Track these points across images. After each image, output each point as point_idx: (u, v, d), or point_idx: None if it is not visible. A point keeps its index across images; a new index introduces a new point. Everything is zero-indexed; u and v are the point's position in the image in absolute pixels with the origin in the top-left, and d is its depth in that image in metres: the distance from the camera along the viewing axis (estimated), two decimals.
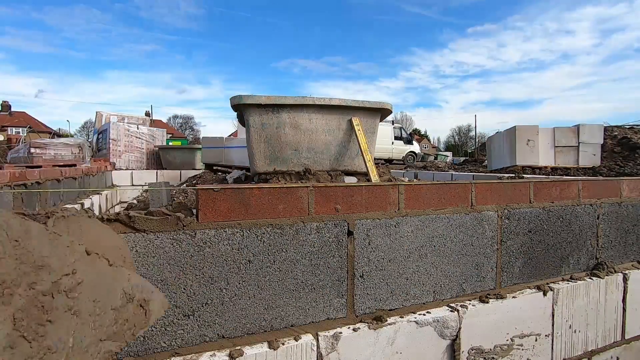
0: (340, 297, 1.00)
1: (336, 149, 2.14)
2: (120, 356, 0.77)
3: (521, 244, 1.31)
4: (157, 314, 0.69)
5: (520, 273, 1.32)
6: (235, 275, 0.88)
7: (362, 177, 2.18)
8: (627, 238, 1.59)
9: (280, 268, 0.93)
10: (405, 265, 1.10)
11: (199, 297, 0.84)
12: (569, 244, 1.42)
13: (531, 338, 1.26)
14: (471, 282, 1.22)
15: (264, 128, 2.00)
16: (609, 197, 1.53)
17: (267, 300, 0.91)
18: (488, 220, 1.24)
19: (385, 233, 1.06)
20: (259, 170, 2.05)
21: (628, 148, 6.40)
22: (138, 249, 0.78)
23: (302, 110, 2.03)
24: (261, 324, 0.91)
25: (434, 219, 1.14)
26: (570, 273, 1.43)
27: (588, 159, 5.93)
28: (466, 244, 1.20)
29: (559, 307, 1.32)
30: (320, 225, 0.98)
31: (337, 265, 1.00)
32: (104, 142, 7.10)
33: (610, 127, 7.47)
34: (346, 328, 0.99)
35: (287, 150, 2.05)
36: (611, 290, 1.45)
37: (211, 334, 0.86)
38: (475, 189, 1.22)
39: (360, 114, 2.15)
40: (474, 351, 1.15)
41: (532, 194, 1.33)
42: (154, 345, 0.80)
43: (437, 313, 1.11)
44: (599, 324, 1.43)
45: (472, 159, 11.87)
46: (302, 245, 0.95)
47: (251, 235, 0.89)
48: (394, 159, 17.41)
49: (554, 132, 5.91)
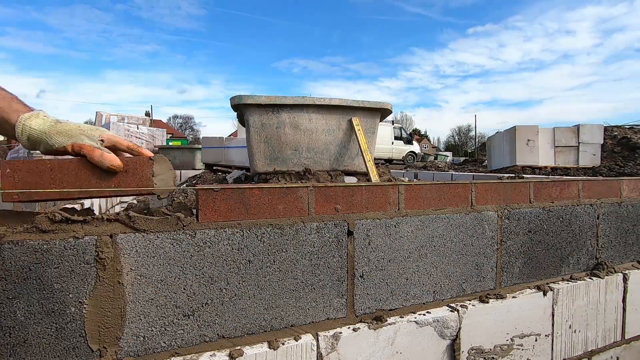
0: (340, 297, 1.00)
1: (336, 149, 2.14)
2: (120, 356, 0.77)
3: (521, 244, 1.31)
4: None
5: (520, 273, 1.32)
6: (235, 275, 0.88)
7: (362, 177, 2.18)
8: (627, 238, 1.59)
9: (280, 268, 0.93)
10: (405, 265, 1.10)
11: (199, 297, 0.84)
12: (569, 244, 1.42)
13: (531, 338, 1.26)
14: (471, 282, 1.22)
15: (264, 128, 2.00)
16: (609, 197, 1.53)
17: (267, 300, 0.91)
18: (488, 220, 1.24)
19: (385, 233, 1.06)
20: (259, 170, 2.05)
21: (628, 148, 6.40)
22: (138, 249, 0.78)
23: (302, 110, 2.02)
24: (261, 324, 0.91)
25: (434, 219, 1.14)
26: (570, 273, 1.43)
27: (588, 159, 5.93)
28: (466, 244, 1.20)
29: (559, 307, 1.32)
30: (320, 225, 0.98)
31: (337, 265, 1.00)
32: None
33: (610, 127, 7.47)
34: (346, 328, 0.99)
35: (287, 150, 2.05)
36: (611, 290, 1.45)
37: (211, 334, 0.86)
38: (475, 189, 1.22)
39: (360, 114, 2.15)
40: (474, 351, 1.15)
41: (532, 194, 1.33)
42: (154, 345, 0.80)
43: (437, 313, 1.11)
44: (599, 324, 1.42)
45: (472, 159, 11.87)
46: (302, 245, 0.95)
47: (251, 235, 0.89)
48: (394, 159, 17.42)
49: (553, 132, 5.91)
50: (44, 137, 0.75)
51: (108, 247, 0.76)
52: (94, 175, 0.77)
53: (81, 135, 0.77)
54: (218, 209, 0.86)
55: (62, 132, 0.76)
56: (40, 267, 0.71)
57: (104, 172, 0.77)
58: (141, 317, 0.79)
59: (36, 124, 0.75)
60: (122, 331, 0.77)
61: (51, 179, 0.75)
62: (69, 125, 0.78)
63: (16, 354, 0.70)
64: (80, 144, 0.76)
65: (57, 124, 0.77)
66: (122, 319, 0.77)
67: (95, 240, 0.75)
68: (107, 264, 0.76)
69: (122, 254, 0.77)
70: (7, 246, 0.69)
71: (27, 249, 0.70)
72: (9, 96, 0.77)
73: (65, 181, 0.76)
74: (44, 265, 0.71)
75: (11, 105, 0.76)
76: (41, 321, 0.71)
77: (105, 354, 0.76)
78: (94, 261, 0.75)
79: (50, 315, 0.72)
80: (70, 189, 0.76)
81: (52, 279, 0.72)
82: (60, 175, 0.75)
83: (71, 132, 0.77)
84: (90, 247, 0.74)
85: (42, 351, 0.72)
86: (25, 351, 0.70)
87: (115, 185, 0.79)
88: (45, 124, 0.76)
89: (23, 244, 0.70)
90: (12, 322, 0.69)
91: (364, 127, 2.11)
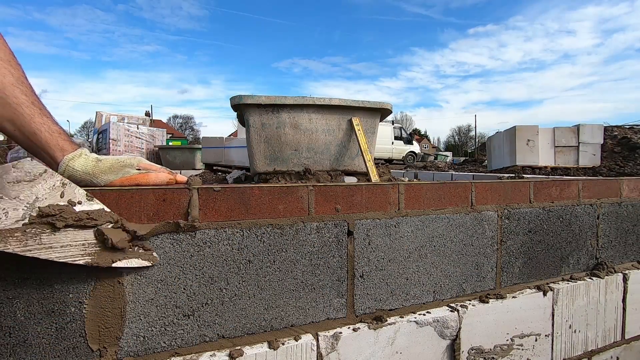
0: (340, 297, 1.00)
1: (336, 148, 2.14)
2: (120, 356, 0.77)
3: (521, 244, 1.31)
4: None
5: (520, 273, 1.32)
6: (235, 275, 0.88)
7: (362, 177, 2.18)
8: (627, 238, 1.59)
9: (280, 268, 0.93)
10: (405, 265, 1.10)
11: (199, 297, 0.84)
12: (569, 243, 1.42)
13: (531, 338, 1.26)
14: (471, 282, 1.22)
15: (264, 128, 2.00)
16: (609, 197, 1.53)
17: (267, 300, 0.91)
18: (488, 220, 1.24)
19: (385, 233, 1.06)
20: (259, 170, 2.05)
21: (628, 148, 6.40)
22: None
23: (302, 110, 2.02)
24: (261, 324, 0.91)
25: (434, 219, 1.14)
26: (570, 273, 1.43)
27: (588, 159, 5.93)
28: (466, 244, 1.20)
29: (559, 307, 1.32)
30: (320, 225, 0.98)
31: (337, 265, 1.00)
32: (103, 142, 7.09)
33: (610, 127, 7.47)
34: (346, 328, 0.99)
35: (287, 150, 2.05)
36: (611, 290, 1.45)
37: (211, 334, 0.86)
38: (475, 189, 1.22)
39: (360, 113, 2.15)
40: (474, 351, 1.15)
41: (532, 193, 1.33)
42: (154, 345, 0.80)
43: (437, 313, 1.11)
44: (599, 324, 1.42)
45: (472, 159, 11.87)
46: (302, 245, 0.95)
47: (251, 235, 0.89)
48: (394, 159, 17.42)
49: (554, 132, 5.91)
50: (88, 178, 0.80)
51: None
52: None
53: (125, 168, 0.84)
54: (218, 209, 0.86)
55: (106, 170, 0.82)
56: (41, 267, 0.71)
57: None
58: (141, 317, 0.79)
59: (79, 165, 0.80)
60: (122, 331, 0.77)
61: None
62: (110, 162, 0.84)
63: (16, 354, 0.70)
64: (129, 177, 0.84)
65: (99, 162, 0.82)
66: (122, 319, 0.77)
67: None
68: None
69: None
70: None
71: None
72: (57, 131, 0.80)
73: None
74: (45, 265, 0.71)
75: (58, 142, 0.79)
76: (41, 321, 0.71)
77: (105, 354, 0.76)
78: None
79: (50, 315, 0.72)
80: None
81: (52, 279, 0.72)
82: None
83: (114, 168, 0.83)
84: None
85: (42, 351, 0.72)
86: (25, 351, 0.70)
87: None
88: (87, 165, 0.81)
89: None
90: (12, 322, 0.69)
91: (364, 127, 2.11)
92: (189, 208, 0.83)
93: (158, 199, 0.80)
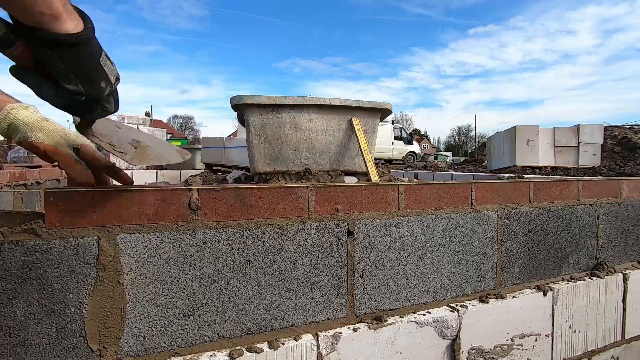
0: (340, 297, 1.00)
1: (336, 149, 2.14)
2: (120, 356, 0.77)
3: (521, 244, 1.31)
4: None
5: (520, 273, 1.32)
6: (235, 275, 0.88)
7: (362, 177, 2.18)
8: (627, 238, 1.59)
9: (280, 268, 0.93)
10: (405, 265, 1.10)
11: (199, 297, 0.84)
12: (569, 244, 1.42)
13: (531, 338, 1.26)
14: (471, 282, 1.22)
15: (264, 128, 2.00)
16: (609, 197, 1.53)
17: (267, 300, 0.91)
18: (488, 220, 1.24)
19: (385, 233, 1.06)
20: (259, 170, 2.05)
21: (628, 148, 6.40)
22: (138, 249, 0.78)
23: (302, 110, 2.02)
24: (261, 324, 0.91)
25: (434, 219, 1.14)
26: (570, 273, 1.43)
27: (588, 159, 5.93)
28: (466, 244, 1.20)
29: (559, 307, 1.32)
30: (320, 225, 0.98)
31: (337, 265, 1.00)
32: None
33: (610, 127, 7.47)
34: (346, 328, 0.99)
35: (287, 150, 2.04)
36: (611, 290, 1.45)
37: (211, 334, 0.86)
38: (475, 189, 1.22)
39: (360, 114, 2.15)
40: (474, 351, 1.15)
41: (532, 194, 1.33)
42: (154, 345, 0.80)
43: (437, 313, 1.11)
44: (599, 324, 1.42)
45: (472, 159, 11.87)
46: (302, 245, 0.95)
47: (251, 235, 0.89)
48: (394, 159, 17.41)
49: (554, 132, 5.91)
50: (24, 128, 0.72)
51: (109, 247, 0.76)
52: None
53: (61, 140, 0.74)
54: (218, 209, 0.86)
55: (45, 130, 0.73)
56: (40, 267, 0.71)
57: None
58: (141, 317, 0.79)
59: (22, 115, 0.72)
60: (122, 331, 0.77)
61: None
62: (54, 125, 0.75)
63: (16, 354, 0.70)
64: (55, 150, 0.73)
65: (44, 121, 0.74)
66: (122, 319, 0.77)
67: (96, 241, 0.75)
68: (107, 264, 0.76)
69: (122, 254, 0.77)
70: (7, 246, 0.69)
71: (27, 249, 0.70)
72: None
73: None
74: (44, 265, 0.71)
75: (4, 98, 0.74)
76: (41, 321, 0.71)
77: (105, 354, 0.76)
78: (94, 261, 0.75)
79: (50, 315, 0.72)
80: None
81: (52, 279, 0.72)
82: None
83: (53, 133, 0.74)
84: (90, 248, 0.74)
85: (42, 351, 0.72)
86: (25, 351, 0.70)
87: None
88: (32, 116, 0.73)
89: (23, 244, 0.70)
90: (12, 322, 0.70)
91: (364, 127, 2.11)
92: (189, 208, 0.83)
93: (158, 198, 0.80)
